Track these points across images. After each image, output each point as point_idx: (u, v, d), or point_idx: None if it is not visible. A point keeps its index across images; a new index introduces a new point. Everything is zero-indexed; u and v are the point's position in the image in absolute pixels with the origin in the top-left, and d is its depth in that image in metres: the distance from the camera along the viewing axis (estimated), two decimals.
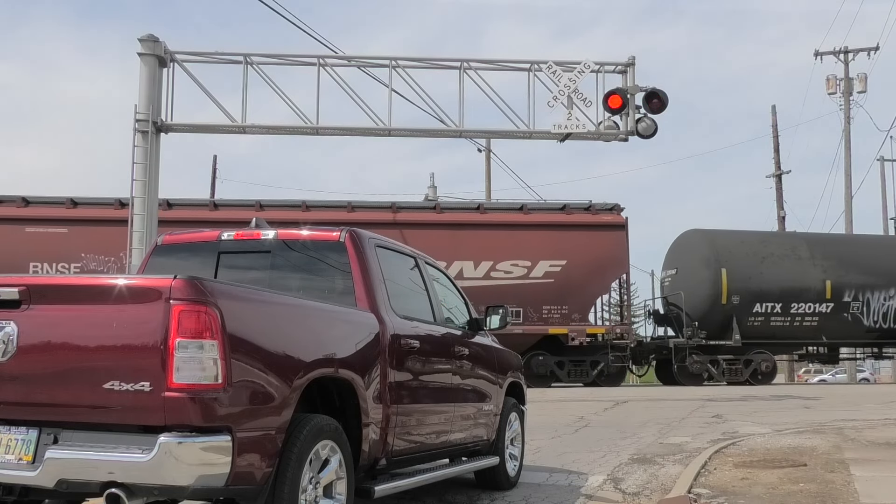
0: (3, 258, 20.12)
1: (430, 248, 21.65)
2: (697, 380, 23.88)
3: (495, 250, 21.97)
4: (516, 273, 22.16)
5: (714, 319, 24.09)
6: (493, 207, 23.10)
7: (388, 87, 16.25)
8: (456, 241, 21.74)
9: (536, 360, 22.28)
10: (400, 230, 21.08)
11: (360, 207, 22.52)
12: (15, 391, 3.84)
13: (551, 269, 22.19)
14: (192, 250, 5.81)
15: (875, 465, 7.60)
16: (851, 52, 37.05)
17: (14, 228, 21.00)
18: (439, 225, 22.03)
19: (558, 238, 22.30)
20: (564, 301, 22.25)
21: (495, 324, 6.94)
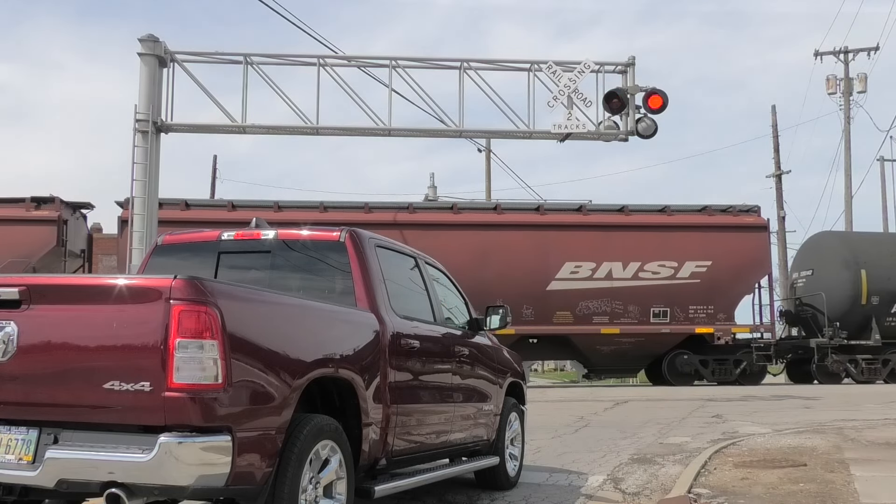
0: None
1: (581, 250, 21.77)
2: (835, 378, 24.22)
3: (642, 251, 22.37)
4: (663, 273, 22.57)
5: (853, 320, 24.30)
6: (638, 209, 23.49)
7: (388, 87, 16.26)
8: (605, 242, 22.16)
9: (681, 359, 22.64)
10: (545, 231, 21.73)
11: (507, 209, 22.74)
12: (15, 391, 3.84)
13: (697, 269, 22.61)
14: (193, 250, 5.81)
15: (875, 465, 7.60)
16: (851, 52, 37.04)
17: None
18: (588, 227, 22.41)
19: (703, 239, 22.72)
20: (710, 301, 22.66)
21: (495, 324, 6.94)
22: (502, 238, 21.61)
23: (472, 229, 21.67)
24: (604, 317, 22.10)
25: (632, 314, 22.21)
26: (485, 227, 21.76)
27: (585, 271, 22.03)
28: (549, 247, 21.79)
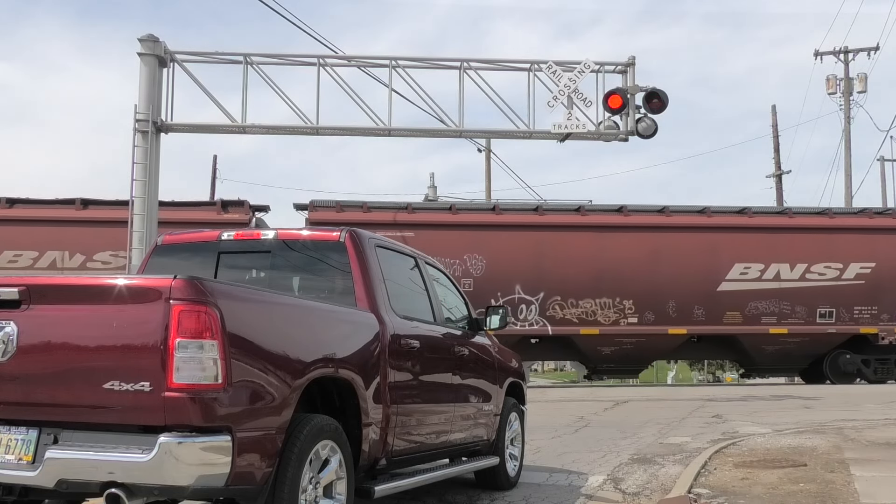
0: None
1: (749, 251, 22.27)
2: None
3: (808, 253, 22.71)
4: (829, 275, 22.87)
5: None
6: (800, 212, 23.91)
7: (388, 87, 16.24)
8: (772, 244, 22.59)
9: (843, 359, 22.83)
10: (713, 233, 22.20)
11: (674, 212, 22.94)
12: (15, 391, 3.84)
13: (861, 271, 22.94)
14: (193, 250, 5.81)
15: (875, 465, 7.60)
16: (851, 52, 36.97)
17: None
18: (754, 229, 22.85)
19: (866, 241, 23.08)
20: (874, 302, 22.96)
21: (495, 324, 6.93)
22: (672, 240, 22.10)
23: (642, 231, 22.20)
24: (772, 317, 22.50)
25: (799, 314, 22.64)
26: (655, 230, 22.25)
27: (754, 272, 22.47)
28: (718, 248, 22.29)
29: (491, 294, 21.16)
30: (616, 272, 21.57)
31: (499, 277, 21.56)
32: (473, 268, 21.66)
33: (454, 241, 21.51)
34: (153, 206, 15.68)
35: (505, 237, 21.85)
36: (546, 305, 21.80)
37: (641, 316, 21.81)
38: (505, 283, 21.65)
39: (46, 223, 20.36)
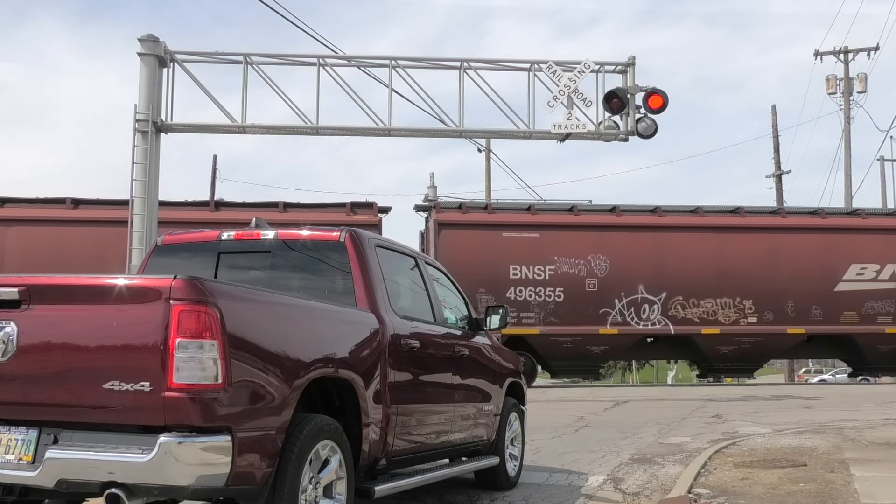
0: (483, 262, 21.73)
1: (863, 252, 22.62)
2: None
3: None
4: None
5: None
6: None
7: (388, 87, 16.24)
8: (886, 245, 22.99)
9: None
10: (828, 234, 22.58)
11: (790, 213, 23.58)
12: (15, 391, 3.84)
13: None
14: (193, 250, 5.81)
15: (875, 465, 7.60)
16: (851, 52, 36.99)
17: (493, 234, 22.18)
18: (868, 230, 23.24)
19: None
20: None
21: (495, 324, 6.93)
22: (789, 241, 22.47)
23: (759, 232, 22.59)
24: (888, 317, 22.77)
25: None
26: (771, 230, 22.63)
27: (870, 273, 22.78)
28: (834, 249, 22.61)
29: (615, 294, 21.89)
30: (736, 272, 22.02)
31: (622, 277, 22.07)
32: (598, 268, 22.16)
33: (578, 241, 22.05)
34: (153, 205, 15.67)
35: (626, 238, 22.33)
36: (668, 305, 22.25)
37: (761, 315, 22.20)
38: (628, 282, 22.15)
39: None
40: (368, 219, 21.77)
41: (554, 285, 22.06)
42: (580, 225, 22.24)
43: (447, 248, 21.88)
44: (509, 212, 22.79)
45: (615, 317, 22.23)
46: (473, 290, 22.37)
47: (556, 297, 22.11)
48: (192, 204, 22.10)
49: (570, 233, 22.14)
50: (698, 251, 22.14)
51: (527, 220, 22.28)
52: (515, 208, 23.07)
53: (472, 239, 22.10)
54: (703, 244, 22.25)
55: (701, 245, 22.24)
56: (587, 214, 22.66)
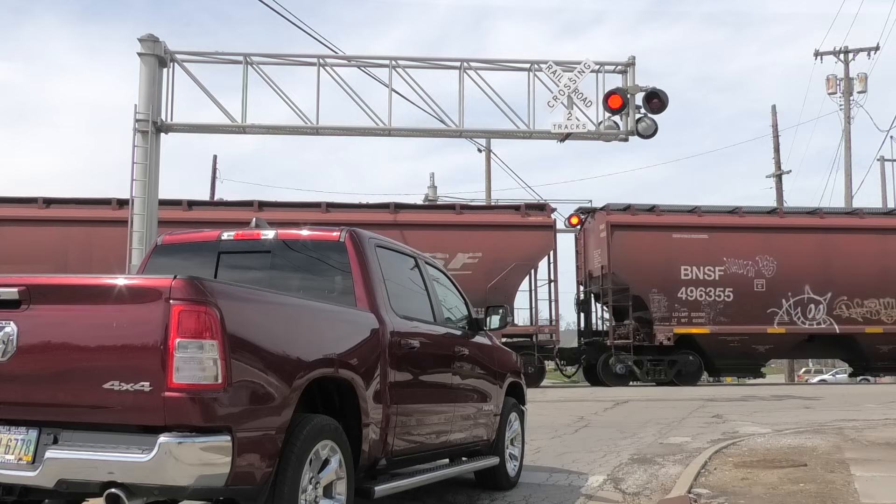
0: (655, 262, 22.62)
1: None
2: None
3: None
4: None
5: None
6: None
7: (389, 87, 16.24)
8: None
9: None
10: None
11: None
12: (15, 391, 3.84)
13: None
14: (193, 250, 5.81)
15: (875, 465, 7.60)
16: (851, 52, 37.00)
17: (663, 235, 22.98)
18: None
19: None
20: None
21: (495, 324, 6.93)
22: None
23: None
24: None
25: None
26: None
27: None
28: None
29: (782, 294, 22.60)
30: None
31: (789, 278, 22.71)
32: (765, 269, 22.82)
33: (745, 242, 22.78)
34: (153, 205, 15.67)
35: (791, 239, 22.99)
36: (833, 305, 22.85)
37: None
38: (795, 283, 22.79)
39: None
40: (542, 220, 22.39)
41: (724, 285, 22.80)
42: (746, 226, 23.05)
43: (620, 249, 22.63)
44: (676, 214, 23.50)
45: (782, 316, 22.91)
46: (647, 290, 22.98)
47: (725, 296, 22.84)
48: (373, 206, 22.62)
49: (738, 234, 22.94)
50: (861, 252, 22.84)
51: (694, 221, 23.02)
52: (681, 210, 23.74)
53: (644, 240, 22.87)
54: (866, 245, 23.03)
55: (864, 246, 23.00)
56: (751, 216, 23.51)
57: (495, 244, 21.72)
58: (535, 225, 22.23)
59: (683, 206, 23.98)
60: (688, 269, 22.76)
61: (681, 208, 23.97)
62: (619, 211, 23.46)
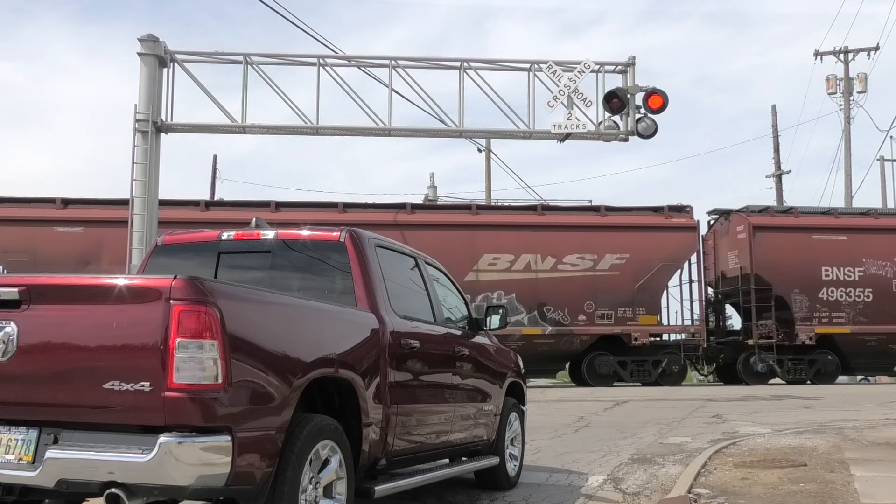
0: (796, 263, 22.99)
1: None
2: None
3: None
4: None
5: None
6: None
7: (389, 87, 16.26)
8: None
9: None
10: None
11: None
12: (15, 391, 3.84)
13: None
14: (193, 250, 5.81)
15: (875, 465, 7.60)
16: (851, 52, 36.96)
17: (803, 237, 23.41)
18: None
19: None
20: None
21: (495, 324, 6.93)
22: None
23: None
24: None
25: None
26: None
27: None
28: None
29: None
30: None
31: None
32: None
33: (883, 244, 23.48)
34: (153, 205, 15.68)
35: None
36: None
37: None
38: None
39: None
40: (685, 221, 22.77)
41: (863, 286, 23.30)
42: (883, 228, 23.68)
43: (762, 251, 23.06)
44: (813, 216, 24.07)
45: None
46: (788, 291, 23.37)
47: (864, 297, 23.31)
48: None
49: (875, 236, 23.61)
50: None
51: (832, 223, 23.56)
52: (817, 212, 24.38)
53: (785, 242, 23.34)
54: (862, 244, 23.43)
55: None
56: (886, 218, 24.30)
57: (641, 245, 22.10)
58: (678, 226, 22.65)
59: (819, 209, 24.73)
60: (828, 269, 23.26)
61: (816, 210, 24.64)
62: (759, 213, 24.03)
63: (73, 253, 19.77)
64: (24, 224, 20.26)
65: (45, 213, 20.55)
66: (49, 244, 19.98)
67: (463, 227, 21.68)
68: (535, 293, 21.69)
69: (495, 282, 21.65)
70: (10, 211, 20.56)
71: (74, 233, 20.34)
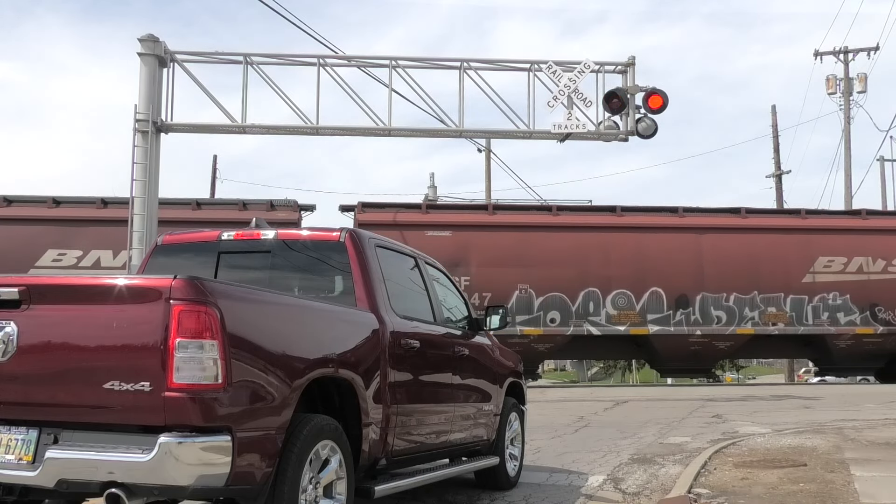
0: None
1: None
2: None
3: None
4: None
5: None
6: None
7: (389, 87, 16.25)
8: None
9: None
10: None
11: None
12: (15, 391, 3.84)
13: None
14: (193, 250, 5.81)
15: (875, 465, 7.60)
16: (851, 52, 36.93)
17: None
18: None
19: None
20: None
21: (495, 324, 6.93)
22: None
23: None
24: None
25: None
26: None
27: None
28: None
29: None
30: None
31: None
32: None
33: None
34: (153, 205, 15.68)
35: None
36: None
37: None
38: None
39: None
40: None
41: None
42: None
43: None
44: None
45: None
46: None
47: None
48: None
49: None
50: None
51: None
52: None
53: None
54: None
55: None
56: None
57: None
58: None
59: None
60: None
61: None
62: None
63: None
64: None
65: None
66: None
67: (797, 231, 22.53)
68: (866, 294, 22.29)
69: (830, 283, 22.40)
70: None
71: None
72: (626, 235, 21.97)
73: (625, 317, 21.81)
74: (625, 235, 21.96)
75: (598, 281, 21.71)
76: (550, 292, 21.53)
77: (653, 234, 22.09)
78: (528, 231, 21.74)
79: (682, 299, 21.97)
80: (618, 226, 22.14)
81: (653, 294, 21.87)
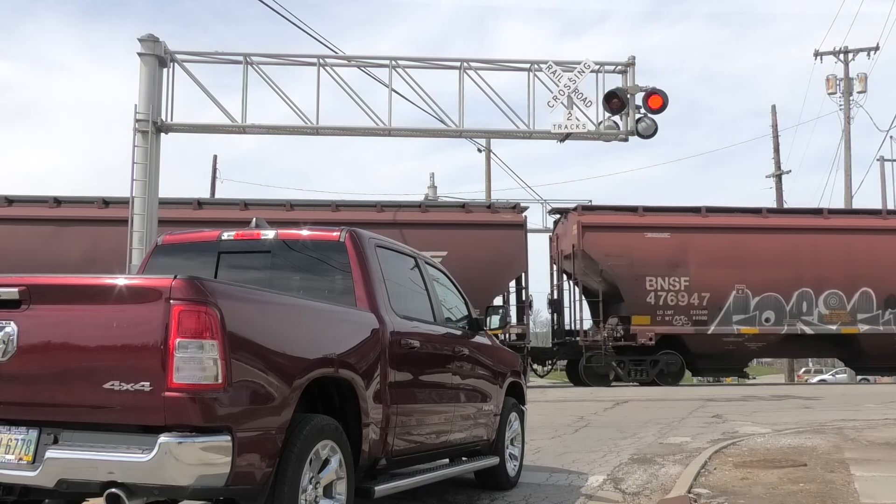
0: None
1: None
2: None
3: None
4: None
5: None
6: None
7: (389, 87, 16.25)
8: None
9: None
10: None
11: None
12: (15, 391, 3.84)
13: None
14: (193, 250, 5.81)
15: (875, 465, 7.60)
16: (851, 52, 36.94)
17: None
18: None
19: None
20: None
21: (495, 324, 6.93)
22: None
23: None
24: None
25: None
26: None
27: None
28: None
29: None
30: None
31: None
32: None
33: None
34: (153, 205, 15.68)
35: None
36: None
37: None
38: None
39: None
40: None
41: None
42: None
43: None
44: None
45: None
46: None
47: None
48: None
49: None
50: None
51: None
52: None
53: None
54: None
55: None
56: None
57: None
58: None
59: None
60: None
61: None
62: None
63: None
64: None
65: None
66: None
67: None
68: None
69: None
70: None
71: None
72: (835, 237, 22.79)
73: (836, 316, 22.72)
74: (833, 237, 22.77)
75: (812, 281, 22.54)
76: (766, 292, 22.40)
77: (860, 235, 22.93)
78: (741, 233, 22.55)
79: (891, 299, 22.81)
80: (826, 227, 22.94)
81: (863, 294, 22.69)
